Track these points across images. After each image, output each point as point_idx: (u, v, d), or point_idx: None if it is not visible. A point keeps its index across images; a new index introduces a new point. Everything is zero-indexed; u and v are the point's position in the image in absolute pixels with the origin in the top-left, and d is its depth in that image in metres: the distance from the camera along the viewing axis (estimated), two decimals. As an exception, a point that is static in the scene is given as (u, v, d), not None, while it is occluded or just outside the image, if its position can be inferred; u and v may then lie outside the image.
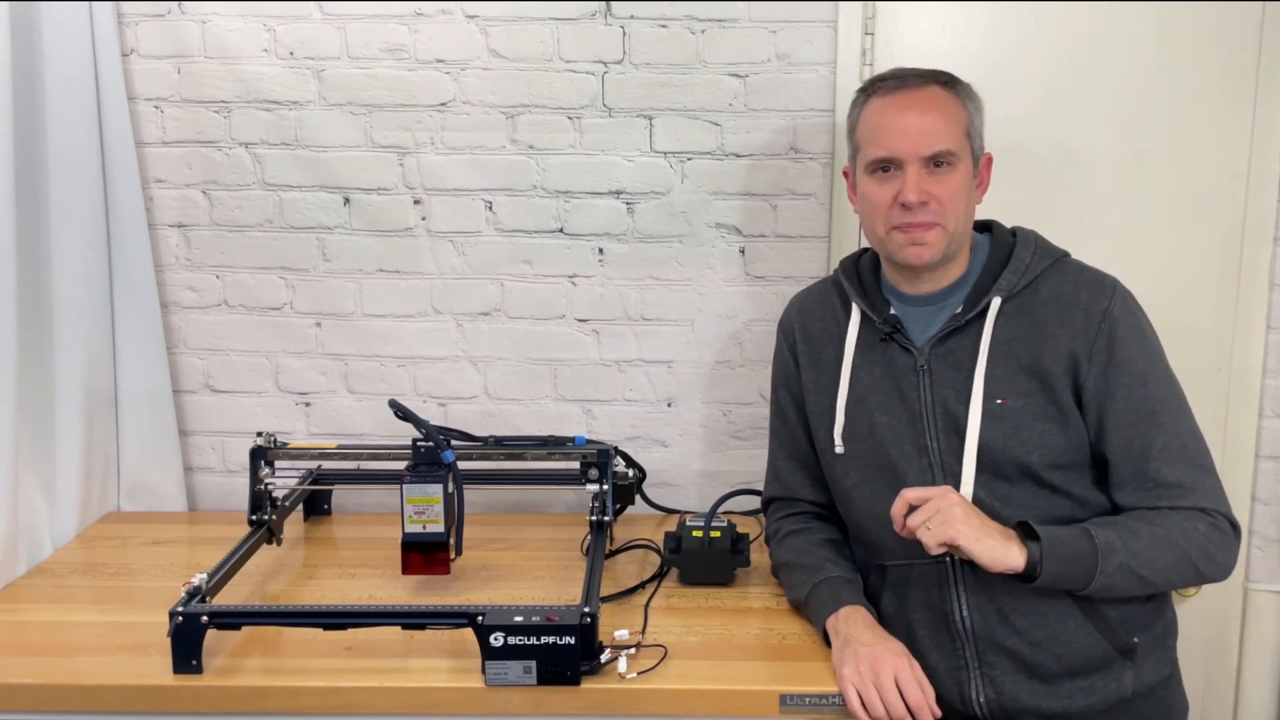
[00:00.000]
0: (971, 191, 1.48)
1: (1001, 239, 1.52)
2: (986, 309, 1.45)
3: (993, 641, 1.44)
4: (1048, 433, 1.42)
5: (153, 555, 1.81)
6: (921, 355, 1.48)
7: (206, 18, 1.94)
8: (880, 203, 1.45)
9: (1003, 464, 1.42)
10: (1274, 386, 1.97)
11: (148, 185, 1.99)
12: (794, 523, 1.64)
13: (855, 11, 1.90)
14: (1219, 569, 1.40)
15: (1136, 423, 1.40)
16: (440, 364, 2.05)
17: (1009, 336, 1.44)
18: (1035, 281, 1.46)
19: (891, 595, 1.52)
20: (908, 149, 1.42)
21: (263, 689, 1.37)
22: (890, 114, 1.44)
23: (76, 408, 1.86)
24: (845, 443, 1.54)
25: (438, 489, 1.55)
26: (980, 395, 1.43)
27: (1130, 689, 1.43)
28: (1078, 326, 1.42)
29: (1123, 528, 1.37)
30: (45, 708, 1.38)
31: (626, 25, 1.93)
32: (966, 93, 1.48)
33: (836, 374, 1.56)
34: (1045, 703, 1.43)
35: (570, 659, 1.34)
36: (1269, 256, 1.95)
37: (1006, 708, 1.44)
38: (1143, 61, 1.91)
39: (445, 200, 2.00)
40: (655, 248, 2.01)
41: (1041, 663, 1.42)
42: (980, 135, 1.49)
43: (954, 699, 1.46)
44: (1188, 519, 1.37)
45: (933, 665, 1.45)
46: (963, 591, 1.44)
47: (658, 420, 2.07)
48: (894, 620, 1.51)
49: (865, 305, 1.54)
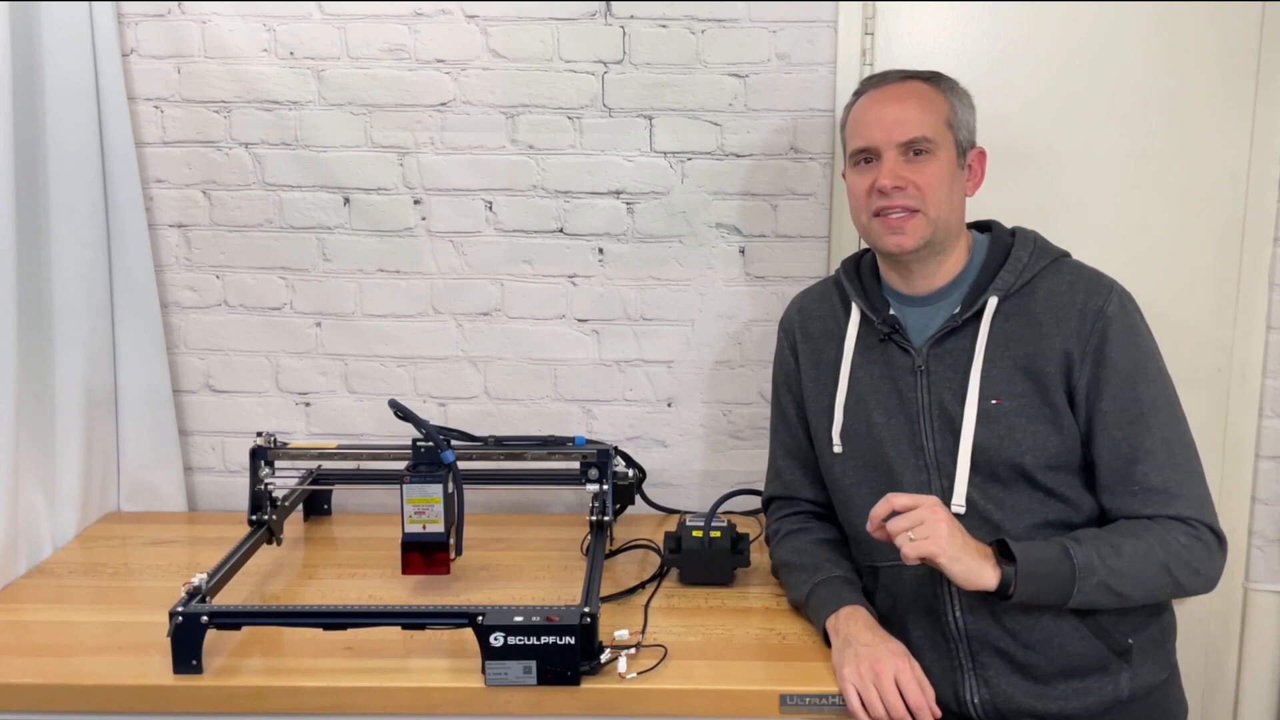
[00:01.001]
0: (957, 182, 1.48)
1: (1000, 239, 1.52)
2: (983, 309, 1.46)
3: (986, 642, 1.44)
4: (1041, 434, 1.42)
5: (153, 555, 1.81)
6: (920, 356, 1.48)
7: (206, 18, 1.94)
8: (860, 191, 1.49)
9: (996, 465, 1.42)
10: (1274, 386, 1.97)
11: (148, 185, 1.99)
12: (794, 522, 1.64)
13: (855, 11, 1.91)
14: (1202, 581, 1.39)
15: (1124, 425, 1.40)
16: (440, 364, 2.05)
17: (1005, 336, 1.44)
18: (1033, 281, 1.46)
19: (885, 596, 1.53)
20: (882, 136, 1.46)
21: (263, 689, 1.37)
22: (870, 107, 1.50)
23: (76, 408, 1.86)
24: (843, 442, 1.54)
25: (438, 489, 1.55)
26: (975, 395, 1.43)
27: (1127, 691, 1.43)
28: (1072, 326, 1.42)
29: (1104, 543, 1.36)
30: (45, 708, 1.38)
31: (626, 25, 1.93)
32: (949, 86, 1.50)
33: (836, 374, 1.56)
34: (1040, 704, 1.42)
35: (570, 659, 1.34)
36: (1269, 256, 1.95)
37: (1001, 708, 1.44)
38: (1143, 62, 1.91)
39: (445, 200, 2.00)
40: (655, 248, 2.01)
41: (1035, 664, 1.42)
42: (968, 128, 1.51)
43: (949, 700, 1.46)
44: (1169, 531, 1.37)
45: (927, 666, 1.44)
46: (955, 592, 1.44)
47: (658, 420, 2.07)
48: (888, 621, 1.50)
49: (865, 305, 1.55)
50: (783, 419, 1.67)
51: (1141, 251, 1.94)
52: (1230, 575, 2.00)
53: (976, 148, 1.53)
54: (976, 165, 1.53)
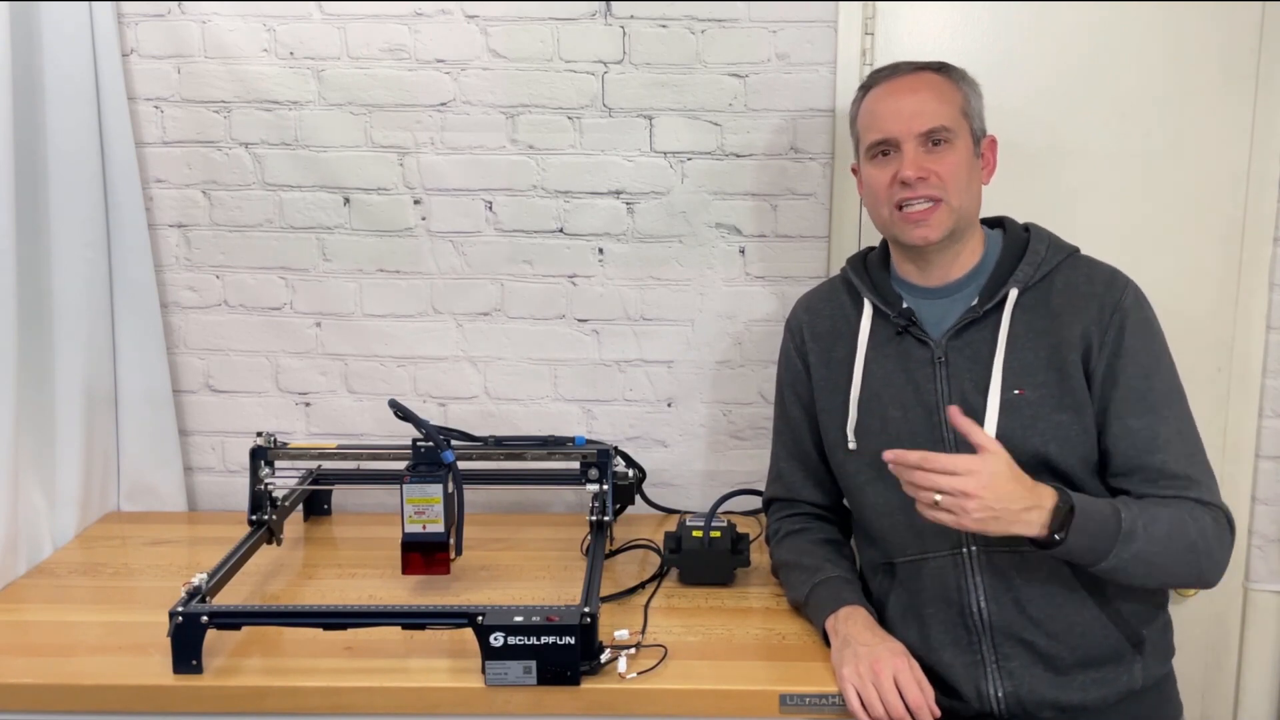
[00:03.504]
0: (974, 170, 1.50)
1: (1015, 233, 1.54)
2: (1004, 300, 1.47)
3: (1010, 633, 1.43)
4: (1064, 424, 1.42)
5: (153, 555, 1.81)
6: (939, 347, 1.49)
7: (206, 18, 1.94)
8: (880, 184, 1.49)
9: (1019, 455, 1.41)
10: (1274, 386, 1.97)
11: (148, 185, 1.99)
12: (794, 523, 1.64)
13: (855, 11, 1.91)
14: (1215, 567, 1.40)
15: (1140, 414, 1.41)
16: (440, 364, 2.05)
17: (1026, 328, 1.46)
18: (1050, 275, 1.48)
19: (902, 593, 1.51)
20: (902, 128, 1.46)
21: (263, 689, 1.37)
22: (884, 99, 1.50)
23: (76, 408, 1.86)
24: (858, 439, 1.53)
25: (438, 489, 1.55)
26: (999, 386, 1.44)
27: (1140, 681, 1.44)
28: (1092, 315, 1.44)
29: (1145, 512, 1.36)
30: (45, 708, 1.38)
31: (626, 25, 1.93)
32: (960, 76, 1.52)
33: (848, 370, 1.56)
34: (1063, 695, 1.42)
35: (570, 659, 1.34)
36: (1269, 256, 1.95)
37: (1024, 701, 1.43)
38: (1143, 62, 1.91)
39: (445, 200, 2.00)
40: (655, 248, 2.01)
41: (1058, 654, 1.42)
42: (980, 116, 1.52)
43: (970, 696, 1.44)
44: (1194, 510, 1.38)
45: (947, 662, 1.45)
46: (980, 582, 1.44)
47: (658, 420, 2.07)
48: (905, 619, 1.49)
49: (878, 300, 1.55)
50: (786, 421, 1.67)
51: (1141, 251, 1.94)
52: (1230, 575, 2.00)
53: (989, 136, 1.54)
54: (989, 153, 1.55)
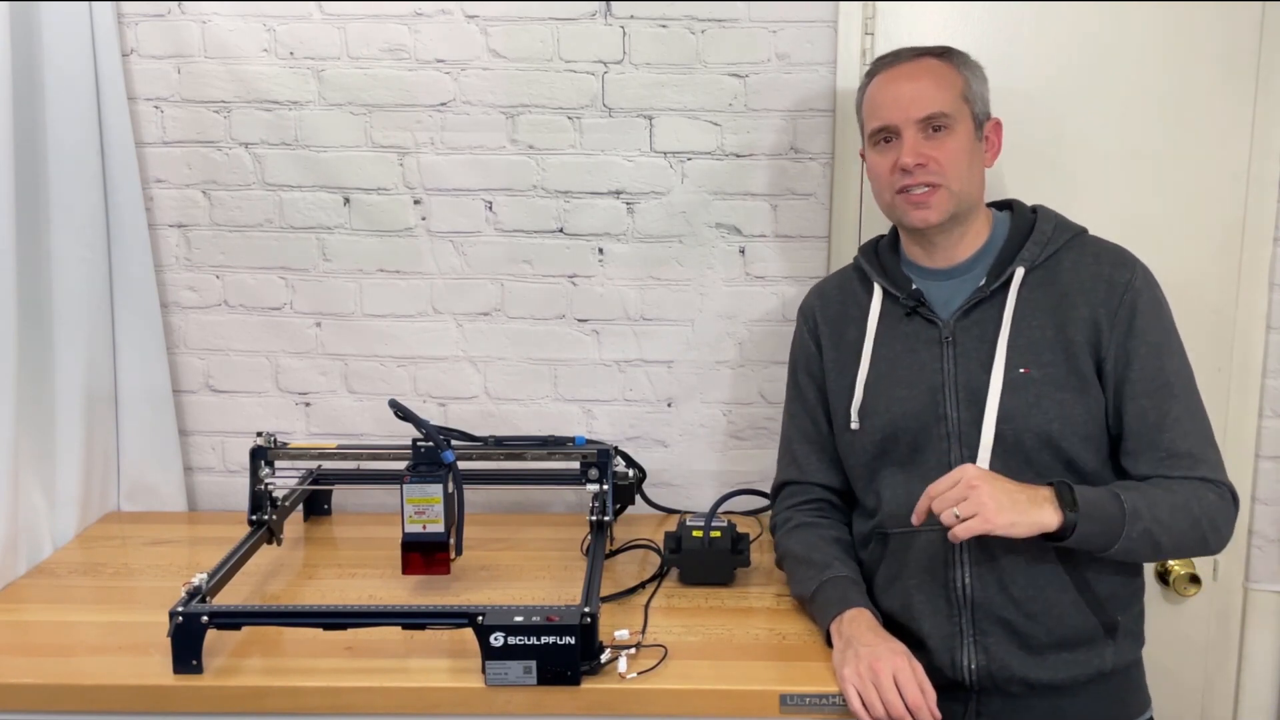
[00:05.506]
0: (976, 154, 1.52)
1: (1022, 214, 1.56)
2: (1010, 280, 1.48)
3: (990, 611, 1.46)
4: (1068, 402, 1.44)
5: (153, 555, 1.81)
6: (946, 327, 1.50)
7: (206, 18, 1.94)
8: (882, 171, 1.52)
9: (1022, 434, 1.44)
10: (1274, 386, 1.97)
11: (148, 185, 1.99)
12: (806, 514, 1.64)
13: (855, 11, 1.90)
14: (1219, 539, 1.43)
15: (1152, 393, 1.43)
16: (440, 364, 2.05)
17: (1032, 307, 1.47)
18: (1057, 254, 1.50)
19: (892, 562, 1.54)
20: (900, 115, 1.49)
21: (263, 689, 1.37)
22: (886, 87, 1.52)
23: (76, 408, 1.86)
24: (861, 419, 1.55)
25: (438, 489, 1.55)
26: (1003, 364, 1.45)
27: (1110, 664, 1.47)
28: (1101, 296, 1.46)
29: (1146, 493, 1.39)
30: (45, 708, 1.38)
31: (626, 25, 1.93)
32: (962, 60, 1.53)
33: (857, 352, 1.58)
34: (1033, 673, 1.46)
35: (570, 659, 1.34)
36: (1269, 256, 1.95)
37: (995, 675, 1.46)
38: (1143, 61, 1.90)
39: (445, 200, 2.00)
40: (655, 248, 2.01)
41: (1033, 634, 1.45)
42: (983, 100, 1.54)
43: (944, 665, 1.48)
44: (1198, 488, 1.41)
45: (926, 632, 1.48)
46: (968, 559, 1.46)
47: (658, 420, 2.07)
48: (890, 588, 1.53)
49: (887, 283, 1.57)
50: (801, 403, 1.67)
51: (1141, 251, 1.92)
52: (1230, 575, 2.01)
53: (993, 119, 1.56)
54: (994, 136, 1.56)
